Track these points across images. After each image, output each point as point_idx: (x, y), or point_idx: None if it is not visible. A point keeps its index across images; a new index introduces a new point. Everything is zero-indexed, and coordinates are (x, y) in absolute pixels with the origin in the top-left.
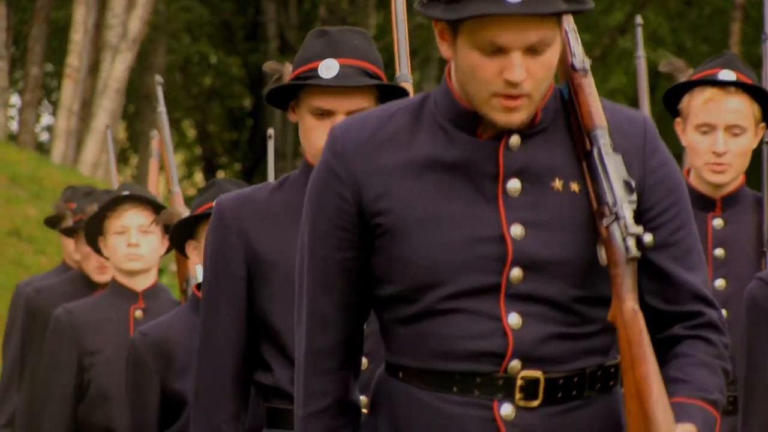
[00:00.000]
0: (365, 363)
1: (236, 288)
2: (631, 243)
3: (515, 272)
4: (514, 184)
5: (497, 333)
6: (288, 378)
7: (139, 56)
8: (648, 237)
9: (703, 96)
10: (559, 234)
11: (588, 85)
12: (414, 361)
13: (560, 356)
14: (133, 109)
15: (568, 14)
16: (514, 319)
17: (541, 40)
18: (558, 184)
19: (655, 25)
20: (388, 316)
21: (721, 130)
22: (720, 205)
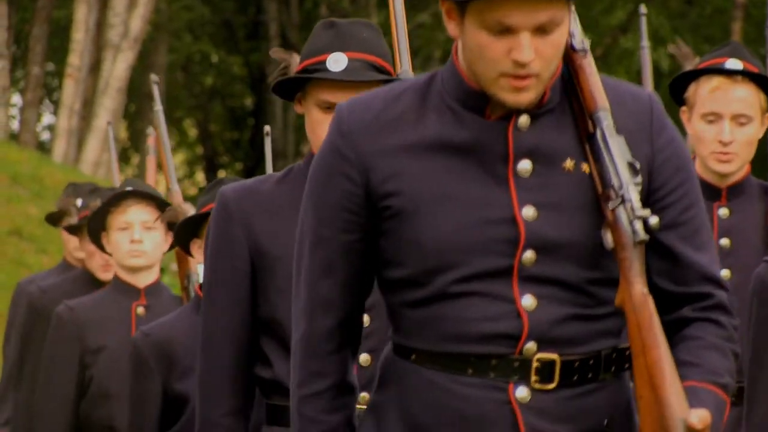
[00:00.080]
0: (368, 359)
1: (238, 281)
2: (638, 226)
3: (528, 254)
4: (525, 165)
5: (511, 315)
6: (287, 372)
7: (141, 55)
8: (654, 219)
9: (710, 85)
10: (571, 215)
11: (588, 65)
12: (426, 344)
13: (576, 338)
14: (135, 108)
15: None
16: (528, 301)
17: (550, 20)
18: (569, 164)
19: (656, 24)
20: (397, 299)
21: (727, 119)
22: (725, 195)
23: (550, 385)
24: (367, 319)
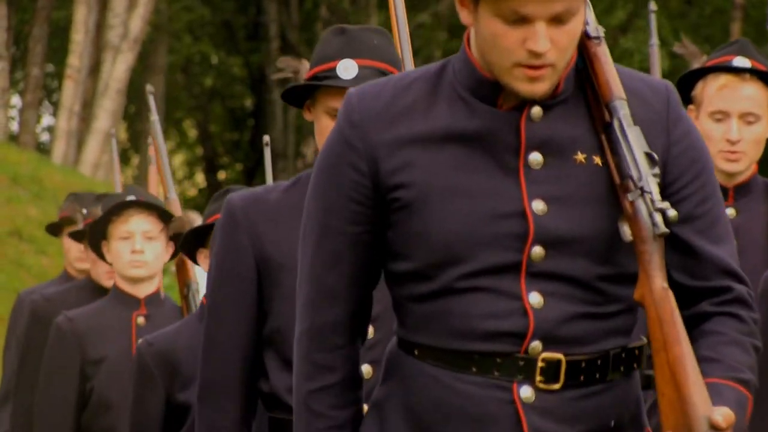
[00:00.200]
0: (370, 371)
1: (244, 289)
2: (658, 218)
3: (537, 250)
4: (536, 157)
5: (518, 312)
6: (285, 385)
7: (141, 56)
8: (672, 212)
9: (718, 83)
10: (582, 209)
11: (603, 54)
12: (430, 339)
13: (583, 337)
14: (134, 110)
15: None
16: (535, 299)
17: (566, 9)
18: (581, 156)
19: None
20: (403, 293)
21: (735, 118)
22: (732, 194)
23: (556, 386)
24: (371, 330)
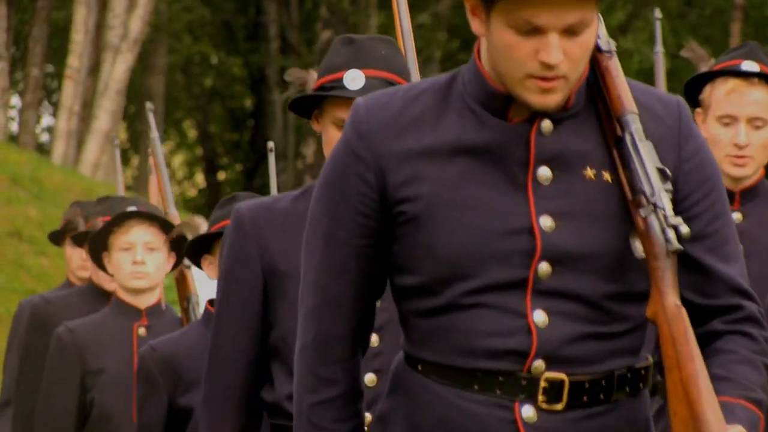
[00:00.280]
0: (374, 380)
1: (250, 299)
2: (671, 234)
3: (543, 267)
4: (545, 172)
5: (521, 331)
6: (287, 393)
7: (140, 57)
8: (685, 228)
9: (726, 87)
10: (591, 226)
11: (615, 67)
12: (434, 356)
13: (587, 357)
14: (134, 110)
15: None
16: (539, 317)
17: (580, 21)
18: (590, 172)
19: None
20: (409, 307)
21: (743, 122)
22: (738, 199)
23: (558, 406)
24: (376, 338)
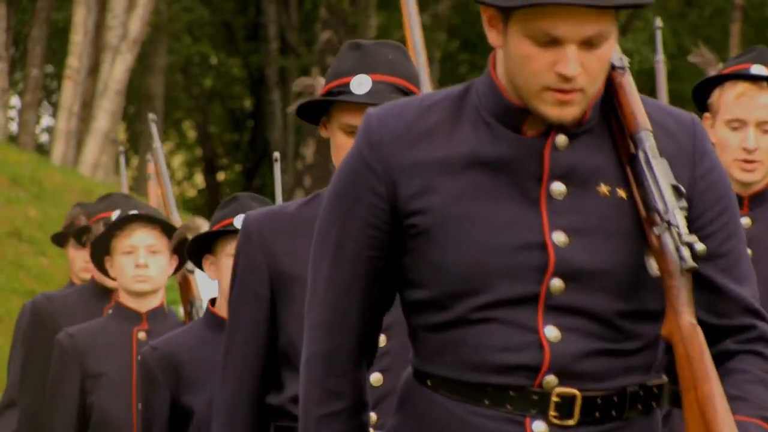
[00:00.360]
0: (380, 379)
1: (259, 308)
2: (685, 253)
3: (556, 282)
4: (558, 187)
5: (533, 346)
6: (292, 396)
7: (140, 57)
8: (699, 246)
9: (735, 91)
10: (605, 242)
11: (628, 83)
12: (443, 370)
13: (599, 373)
14: (134, 110)
15: (628, 8)
16: (551, 332)
17: (598, 33)
18: (604, 188)
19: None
20: (418, 322)
21: (752, 126)
22: (747, 203)
23: (570, 422)
24: (383, 338)
